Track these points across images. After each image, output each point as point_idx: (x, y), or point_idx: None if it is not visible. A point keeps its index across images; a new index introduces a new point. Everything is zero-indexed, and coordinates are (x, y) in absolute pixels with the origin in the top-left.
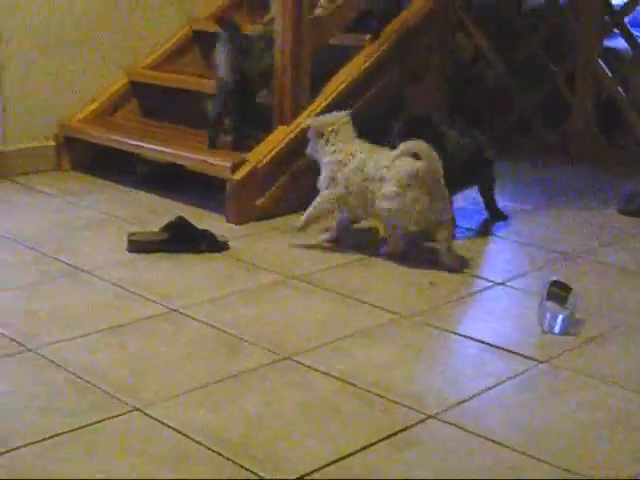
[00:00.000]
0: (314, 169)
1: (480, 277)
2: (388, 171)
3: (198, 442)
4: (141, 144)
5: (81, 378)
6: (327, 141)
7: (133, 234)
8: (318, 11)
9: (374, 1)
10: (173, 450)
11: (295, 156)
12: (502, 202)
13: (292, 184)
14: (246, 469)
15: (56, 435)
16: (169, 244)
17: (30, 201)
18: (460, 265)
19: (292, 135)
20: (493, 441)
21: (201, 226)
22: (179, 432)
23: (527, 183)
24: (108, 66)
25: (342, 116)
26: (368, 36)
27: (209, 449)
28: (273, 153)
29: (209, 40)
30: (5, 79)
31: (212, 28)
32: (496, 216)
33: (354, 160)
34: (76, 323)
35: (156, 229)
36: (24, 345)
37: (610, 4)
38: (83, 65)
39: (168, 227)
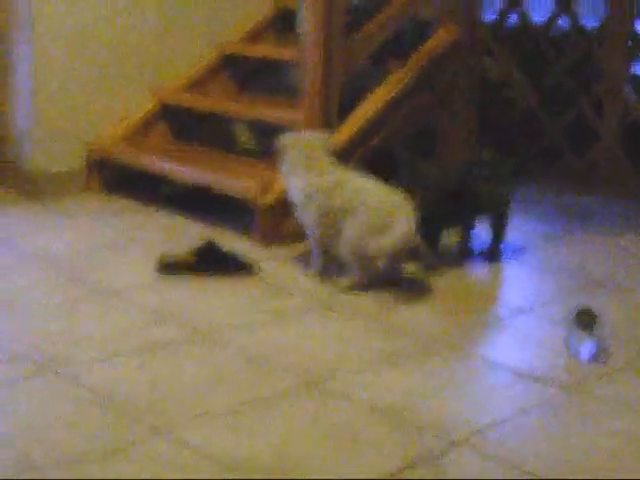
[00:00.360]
0: None
1: (507, 303)
2: (356, 202)
3: (219, 465)
4: (170, 166)
5: (107, 399)
6: (305, 163)
7: (161, 256)
8: None
9: (401, 28)
10: (197, 474)
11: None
12: (529, 226)
13: None
14: None
15: (79, 457)
16: (197, 266)
17: (57, 221)
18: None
19: None
20: (521, 469)
21: (227, 248)
22: (200, 455)
23: (554, 208)
24: (138, 88)
25: (321, 138)
26: (396, 62)
27: (232, 473)
28: None
29: (239, 63)
30: (36, 101)
31: (243, 52)
32: (491, 254)
33: (331, 186)
34: (104, 344)
35: (184, 251)
36: (51, 365)
37: (636, 30)
38: (114, 88)
39: (198, 250)
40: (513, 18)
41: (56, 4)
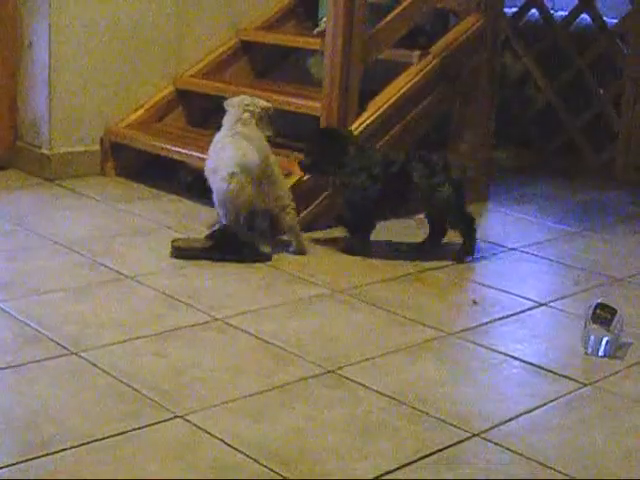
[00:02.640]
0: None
1: (524, 297)
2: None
3: (240, 452)
4: (185, 152)
5: (125, 383)
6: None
7: (177, 240)
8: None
9: (424, 18)
10: (214, 459)
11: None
12: (547, 222)
13: (339, 198)
14: None
15: (98, 440)
16: (212, 252)
17: (75, 205)
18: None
19: None
20: (537, 462)
21: (243, 235)
22: (221, 441)
23: (572, 205)
24: (155, 73)
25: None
26: (417, 52)
27: (251, 459)
28: None
29: (257, 51)
30: (53, 84)
31: (260, 39)
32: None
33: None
34: (121, 328)
35: (199, 236)
36: (68, 348)
37: None
38: (131, 72)
39: (212, 235)
40: (533, 13)
41: None
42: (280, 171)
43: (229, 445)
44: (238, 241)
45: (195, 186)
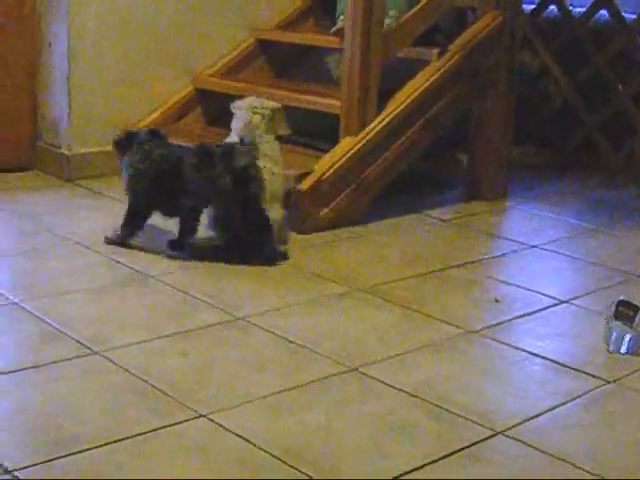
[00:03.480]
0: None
1: (546, 295)
2: None
3: (264, 450)
4: None
5: (147, 382)
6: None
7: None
8: (387, 21)
9: (442, 15)
10: (238, 458)
11: (361, 168)
12: (567, 219)
13: (357, 196)
14: (309, 478)
15: (122, 439)
16: (227, 251)
17: (94, 205)
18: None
19: (359, 146)
20: (560, 459)
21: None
22: (245, 440)
23: (591, 202)
24: (173, 73)
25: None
26: (435, 50)
27: (273, 457)
28: (339, 164)
29: (275, 50)
30: (72, 84)
31: (278, 38)
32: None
33: None
34: (141, 327)
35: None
36: (90, 348)
37: None
38: (150, 72)
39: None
40: (552, 9)
41: None
42: (281, 170)
43: (253, 444)
44: (253, 240)
45: None
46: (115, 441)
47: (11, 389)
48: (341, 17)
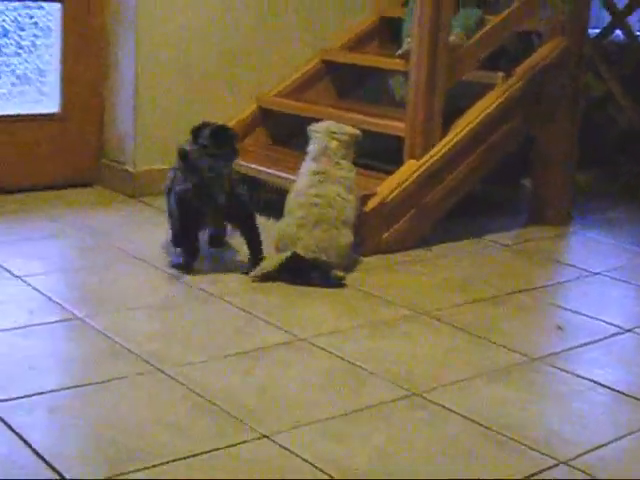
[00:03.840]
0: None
1: (609, 323)
2: None
3: (327, 474)
4: (267, 170)
5: (210, 401)
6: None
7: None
8: (451, 38)
9: (507, 39)
10: (298, 479)
11: (425, 191)
12: (631, 246)
13: (419, 219)
14: None
15: (185, 457)
16: (283, 273)
17: (157, 222)
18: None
19: (422, 169)
20: None
21: (313, 258)
22: (308, 462)
23: None
24: (239, 92)
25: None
26: (501, 74)
27: None
28: (402, 187)
29: (339, 71)
30: (139, 102)
31: (343, 59)
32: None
33: None
34: (204, 346)
35: (271, 257)
36: (153, 365)
37: None
38: (215, 91)
39: (283, 259)
40: (617, 34)
41: (160, 5)
42: (353, 198)
43: (315, 467)
44: (308, 264)
45: (275, 205)
46: (177, 459)
47: (75, 404)
48: (407, 39)
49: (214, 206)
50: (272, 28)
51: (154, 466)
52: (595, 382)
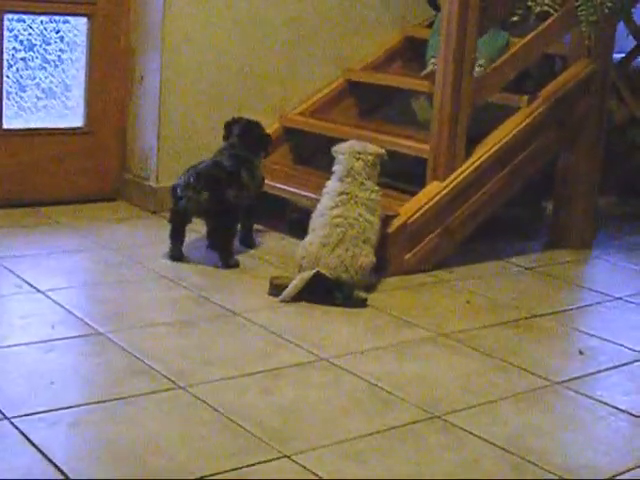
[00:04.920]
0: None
1: (631, 348)
2: None
3: None
4: (291, 189)
5: (232, 420)
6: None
7: (276, 278)
8: (477, 70)
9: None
10: None
11: (447, 213)
12: None
13: (442, 241)
14: None
15: (204, 477)
16: (306, 293)
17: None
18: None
19: (446, 191)
20: None
21: (336, 279)
22: None
23: None
24: (262, 111)
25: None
26: (525, 97)
27: None
28: (425, 208)
29: (362, 91)
30: (163, 118)
31: (367, 79)
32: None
33: None
34: (227, 364)
35: (293, 277)
36: (176, 382)
37: None
38: (238, 109)
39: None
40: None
41: (186, 24)
42: (376, 220)
43: None
44: (331, 284)
45: (299, 224)
46: (197, 478)
47: (97, 420)
48: (432, 60)
49: (196, 203)
50: (297, 48)
51: None
52: (617, 408)
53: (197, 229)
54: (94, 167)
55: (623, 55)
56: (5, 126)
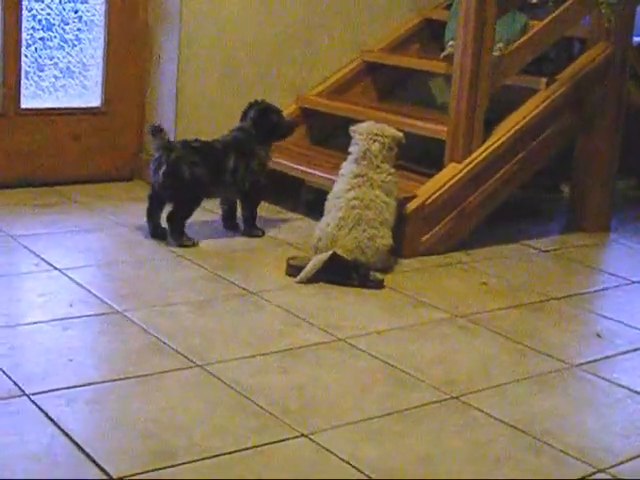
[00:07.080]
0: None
1: None
2: None
3: (365, 474)
4: (308, 170)
5: (249, 399)
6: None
7: (293, 258)
8: (495, 52)
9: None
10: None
11: (465, 195)
12: None
13: (459, 223)
14: None
15: (223, 454)
16: (323, 273)
17: (200, 221)
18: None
19: (463, 173)
20: None
21: (352, 260)
22: (346, 462)
23: None
24: (281, 92)
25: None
26: (544, 79)
27: None
28: (443, 190)
29: (380, 72)
30: (180, 98)
31: (384, 60)
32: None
33: None
34: (245, 344)
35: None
36: (192, 361)
37: None
38: (256, 89)
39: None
40: None
41: (204, 4)
42: (393, 202)
43: (354, 467)
44: (347, 265)
45: (315, 205)
46: (215, 456)
47: (114, 398)
48: (450, 42)
49: (158, 180)
50: (314, 29)
51: (190, 462)
52: (634, 391)
53: (213, 209)
54: (111, 146)
55: None
56: (23, 105)
